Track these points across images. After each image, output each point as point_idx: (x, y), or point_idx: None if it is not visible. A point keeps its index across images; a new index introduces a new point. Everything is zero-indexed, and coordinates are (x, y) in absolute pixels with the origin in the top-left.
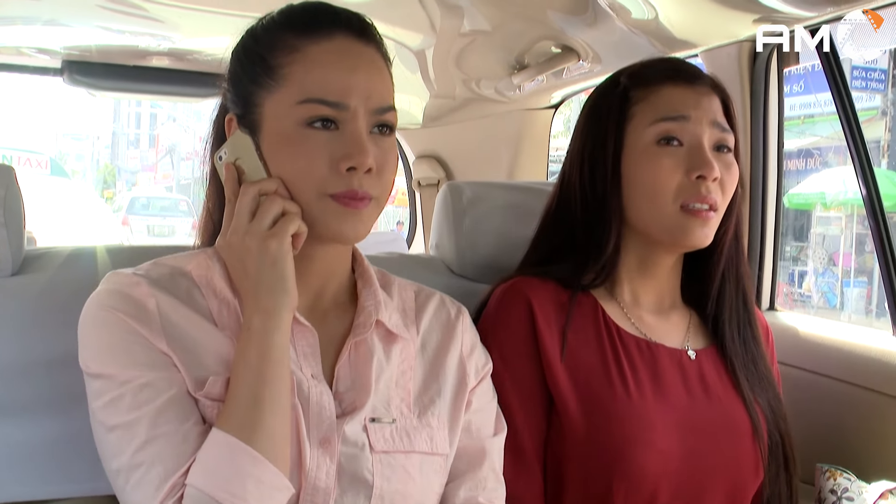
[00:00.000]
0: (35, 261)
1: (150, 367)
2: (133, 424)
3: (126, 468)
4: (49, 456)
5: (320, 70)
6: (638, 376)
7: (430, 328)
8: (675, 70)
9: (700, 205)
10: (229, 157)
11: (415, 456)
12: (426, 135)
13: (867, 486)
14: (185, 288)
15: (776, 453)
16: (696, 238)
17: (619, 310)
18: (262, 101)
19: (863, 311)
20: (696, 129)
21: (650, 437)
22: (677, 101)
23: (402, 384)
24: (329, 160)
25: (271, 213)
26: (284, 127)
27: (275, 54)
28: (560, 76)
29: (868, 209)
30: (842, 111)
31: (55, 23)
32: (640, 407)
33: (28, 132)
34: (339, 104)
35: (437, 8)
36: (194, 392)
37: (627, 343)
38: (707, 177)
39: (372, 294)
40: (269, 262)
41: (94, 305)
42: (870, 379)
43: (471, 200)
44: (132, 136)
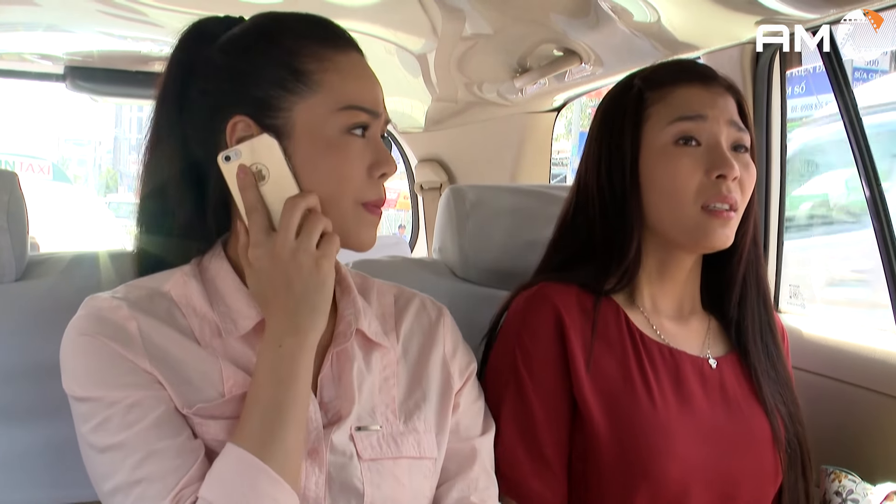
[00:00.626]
0: (38, 266)
1: (136, 387)
2: (125, 444)
3: (124, 486)
4: (53, 460)
5: (354, 79)
6: (661, 385)
7: (410, 333)
8: (690, 71)
9: (721, 204)
10: (246, 161)
11: (403, 462)
12: (428, 138)
13: (872, 488)
14: (165, 308)
15: (794, 460)
16: (718, 239)
17: (641, 316)
18: (290, 105)
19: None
20: (713, 128)
21: (674, 448)
22: (694, 100)
23: (386, 391)
24: (365, 167)
25: (318, 230)
26: (324, 133)
27: (302, 60)
28: (562, 79)
29: (871, 210)
30: (844, 112)
31: (57, 28)
32: (664, 416)
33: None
34: (374, 112)
35: (439, 11)
36: (182, 409)
37: (651, 350)
38: (727, 176)
39: (351, 302)
40: (318, 282)
41: (73, 332)
42: (874, 380)
43: (474, 204)
44: (134, 141)
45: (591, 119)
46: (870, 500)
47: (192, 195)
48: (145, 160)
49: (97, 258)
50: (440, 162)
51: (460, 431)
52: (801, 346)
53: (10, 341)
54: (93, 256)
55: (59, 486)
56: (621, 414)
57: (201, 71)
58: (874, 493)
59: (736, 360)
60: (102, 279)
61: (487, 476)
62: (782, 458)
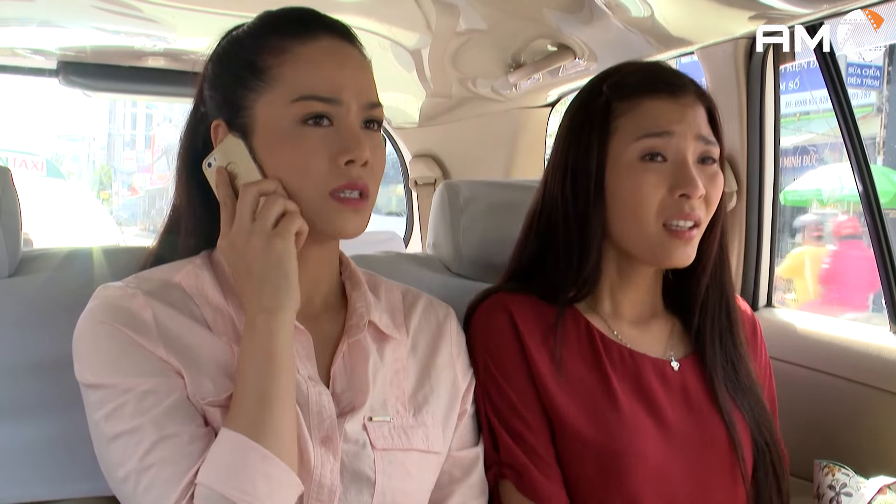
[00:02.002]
0: (32, 262)
1: (151, 374)
2: (138, 430)
3: (135, 472)
4: (48, 456)
5: (311, 68)
6: (623, 387)
7: (419, 329)
8: (658, 81)
9: (683, 223)
10: (220, 162)
11: (413, 453)
12: (422, 134)
13: (865, 482)
14: (178, 297)
15: (763, 461)
16: (678, 258)
17: (601, 321)
18: (251, 103)
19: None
20: (680, 143)
21: (639, 446)
22: (662, 115)
23: (397, 383)
24: (327, 156)
25: (274, 212)
26: (280, 127)
27: (262, 56)
28: (556, 74)
29: (865, 206)
30: (838, 108)
31: (50, 23)
32: (628, 417)
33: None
34: (333, 99)
35: (433, 7)
36: (195, 398)
37: (612, 353)
38: (691, 195)
39: (362, 296)
40: (274, 261)
41: (88, 321)
42: (867, 375)
43: (467, 199)
44: (128, 137)
45: None
46: (863, 493)
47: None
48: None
49: (91, 254)
50: (434, 157)
51: (465, 438)
52: (793, 341)
53: (3, 337)
54: (86, 252)
55: (55, 482)
56: (589, 416)
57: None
58: (867, 487)
59: (698, 362)
60: (96, 275)
61: (482, 484)
62: (741, 460)
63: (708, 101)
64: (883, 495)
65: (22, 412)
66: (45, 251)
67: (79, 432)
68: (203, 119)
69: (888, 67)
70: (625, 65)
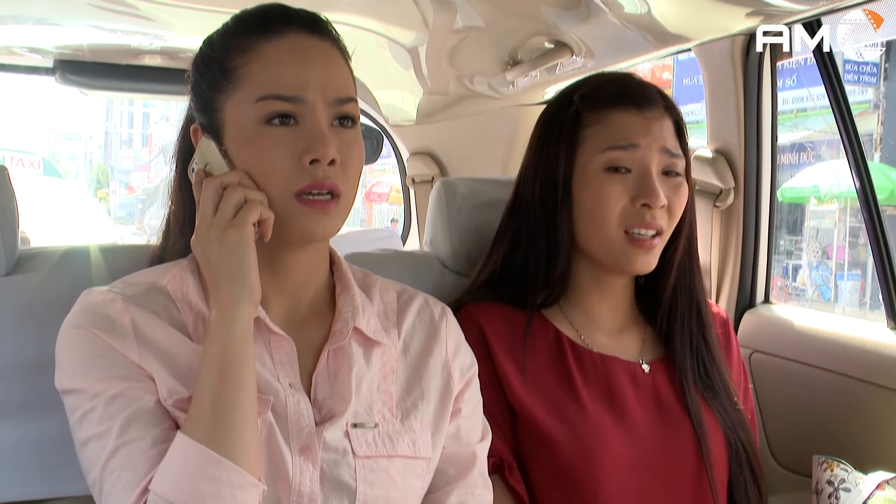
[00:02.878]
0: (29, 261)
1: (121, 379)
2: (104, 435)
3: (99, 477)
4: (48, 454)
5: (274, 66)
6: (591, 390)
7: (412, 330)
8: (626, 94)
9: (644, 231)
10: (199, 165)
11: (397, 460)
12: (420, 131)
13: (864, 477)
14: (162, 303)
15: (739, 461)
16: (639, 265)
17: (571, 328)
18: (221, 105)
19: (857, 303)
20: (644, 155)
21: (605, 444)
22: (628, 128)
23: (384, 388)
24: (291, 155)
25: (231, 203)
26: (244, 127)
27: (230, 57)
28: (553, 71)
29: (862, 202)
30: (835, 105)
31: (47, 21)
32: (594, 418)
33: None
34: (296, 98)
35: (430, 4)
36: (167, 403)
37: (581, 357)
38: (652, 206)
39: (350, 300)
40: (227, 251)
41: (67, 326)
42: (866, 371)
43: (465, 197)
44: (125, 136)
45: None
46: (861, 488)
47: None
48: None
49: (88, 252)
50: (432, 155)
51: (461, 436)
52: (791, 337)
53: (1, 336)
54: (83, 251)
55: (50, 482)
56: (556, 417)
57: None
58: (866, 482)
59: (669, 365)
60: (93, 273)
61: (484, 482)
62: (706, 460)
63: (676, 114)
64: (882, 490)
65: (18, 410)
66: (42, 250)
67: None
68: (190, 121)
69: (885, 64)
70: (596, 76)
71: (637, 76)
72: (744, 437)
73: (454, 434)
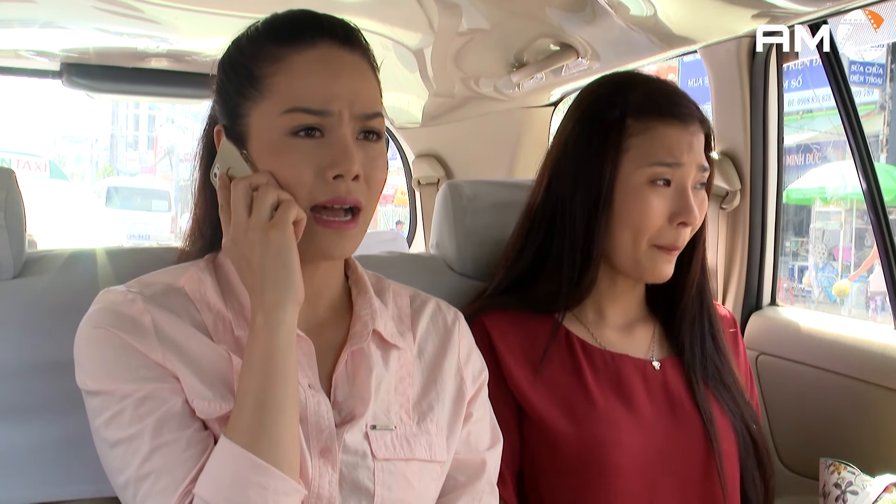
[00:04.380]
0: (36, 263)
1: (148, 380)
2: (136, 437)
3: (133, 480)
4: (52, 458)
5: (303, 79)
6: (602, 387)
7: (426, 334)
8: (672, 105)
9: (674, 248)
10: (221, 169)
11: (414, 463)
12: (425, 134)
13: (871, 480)
14: (181, 303)
15: (749, 454)
16: (662, 273)
17: (583, 328)
18: (248, 112)
19: (863, 305)
20: (685, 172)
21: (616, 437)
22: (674, 144)
23: (401, 391)
24: (315, 169)
25: (267, 203)
26: (270, 137)
27: (259, 65)
28: (559, 74)
29: (869, 203)
30: (841, 106)
31: (53, 25)
32: (606, 412)
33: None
34: (323, 111)
35: (436, 7)
36: (193, 404)
37: (592, 356)
38: (689, 223)
39: (367, 303)
40: (272, 252)
41: (87, 325)
42: (872, 373)
43: (471, 199)
44: (131, 138)
45: None
46: (868, 491)
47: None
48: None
49: (95, 255)
50: (437, 157)
51: (471, 443)
52: (798, 339)
53: (8, 338)
54: (90, 253)
55: (59, 484)
56: (574, 411)
57: None
58: (873, 485)
59: (679, 362)
60: (100, 277)
61: (491, 489)
62: (716, 453)
63: (707, 128)
64: (889, 493)
65: (27, 413)
66: (50, 253)
67: (83, 434)
68: (213, 125)
69: (891, 65)
70: (635, 78)
71: (675, 84)
72: (754, 432)
73: (465, 440)
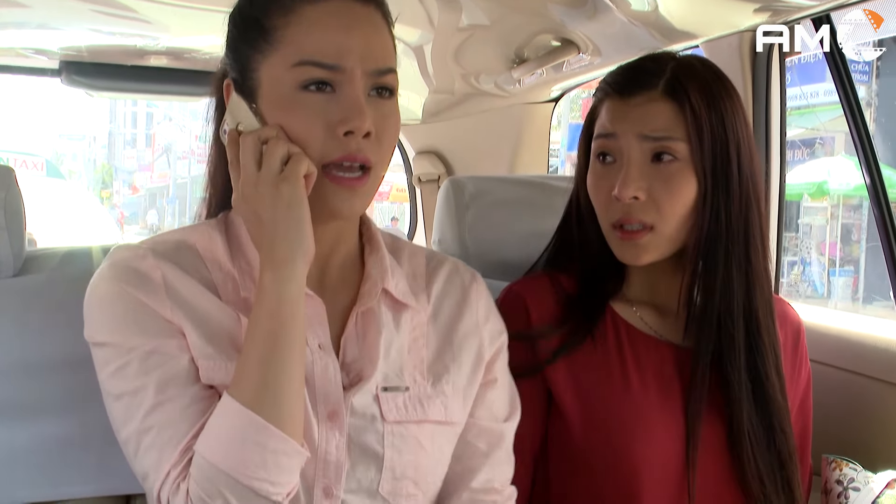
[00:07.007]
0: (36, 261)
1: (155, 335)
2: (140, 391)
3: (136, 433)
4: (54, 457)
5: (315, 31)
6: (643, 375)
7: (442, 294)
8: (619, 80)
9: (628, 225)
10: (231, 125)
11: (427, 425)
12: (426, 130)
13: (873, 476)
14: (191, 260)
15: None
16: (627, 258)
17: (628, 308)
18: (258, 65)
19: (849, 298)
20: (622, 144)
21: (649, 435)
22: (612, 115)
23: (415, 352)
24: (325, 124)
25: (277, 156)
26: (280, 91)
27: (270, 16)
28: (560, 69)
29: (873, 199)
30: (845, 102)
31: (47, 27)
32: (640, 405)
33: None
34: (335, 66)
35: (435, 3)
36: (199, 360)
37: (636, 341)
38: (619, 198)
39: (378, 261)
40: (283, 206)
41: (98, 279)
42: (875, 368)
43: (473, 195)
44: (129, 136)
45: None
46: (871, 487)
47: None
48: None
49: (94, 253)
50: (438, 154)
51: (494, 409)
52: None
53: (8, 337)
54: (90, 251)
55: (58, 484)
56: (594, 402)
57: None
58: (875, 481)
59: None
60: None
61: (507, 457)
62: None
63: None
64: (891, 489)
65: (28, 412)
66: (49, 251)
67: (84, 432)
68: (224, 77)
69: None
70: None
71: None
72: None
73: (488, 406)
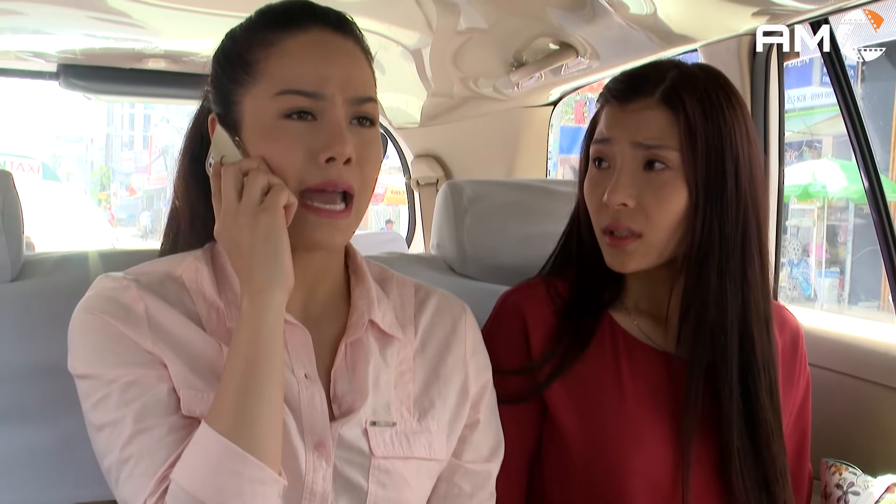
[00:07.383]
0: (34, 266)
1: (136, 366)
2: (120, 421)
3: (116, 464)
4: (50, 461)
5: (296, 61)
6: (637, 385)
7: (430, 326)
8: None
9: (617, 231)
10: (216, 158)
11: (412, 462)
12: (424, 134)
13: (873, 480)
14: (175, 293)
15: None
16: (614, 264)
17: (626, 317)
18: (240, 98)
19: (835, 299)
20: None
21: (641, 448)
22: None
23: (402, 386)
24: (307, 152)
25: (257, 187)
26: (262, 121)
27: (252, 50)
28: (558, 73)
29: (871, 202)
30: (844, 105)
31: (42, 32)
32: (634, 417)
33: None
34: (316, 94)
35: (434, 6)
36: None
37: (633, 350)
38: (608, 203)
39: (365, 292)
40: (261, 236)
41: (81, 310)
42: (874, 372)
43: (471, 199)
44: (126, 138)
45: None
46: (871, 492)
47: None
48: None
49: (93, 257)
50: (436, 157)
51: (480, 450)
52: None
53: (6, 341)
54: (88, 256)
55: (56, 488)
56: (589, 413)
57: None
58: (875, 486)
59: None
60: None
61: (491, 498)
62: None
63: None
64: (891, 493)
65: (25, 416)
66: (47, 255)
67: (81, 437)
68: (206, 116)
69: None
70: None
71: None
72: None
73: (474, 447)
